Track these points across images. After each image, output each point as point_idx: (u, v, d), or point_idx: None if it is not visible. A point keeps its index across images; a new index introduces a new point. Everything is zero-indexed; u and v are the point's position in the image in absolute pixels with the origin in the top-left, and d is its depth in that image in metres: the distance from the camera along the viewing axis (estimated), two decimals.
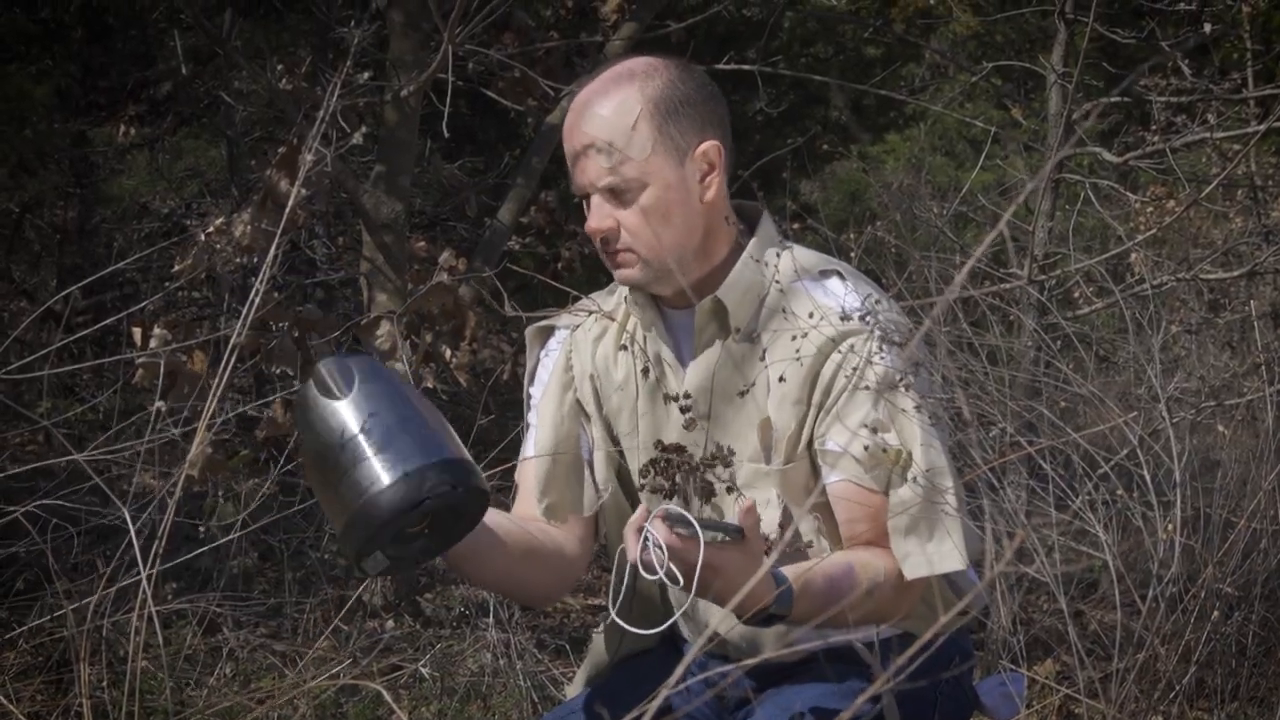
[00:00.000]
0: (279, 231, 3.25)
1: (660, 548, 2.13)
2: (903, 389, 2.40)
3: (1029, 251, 4.59)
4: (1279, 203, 6.28)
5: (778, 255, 2.51)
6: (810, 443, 2.45)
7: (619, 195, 2.40)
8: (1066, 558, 2.65)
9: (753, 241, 2.50)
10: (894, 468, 2.41)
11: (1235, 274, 4.82)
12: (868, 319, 2.42)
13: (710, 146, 2.42)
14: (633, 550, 2.17)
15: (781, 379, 2.44)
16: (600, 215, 2.42)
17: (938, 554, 2.40)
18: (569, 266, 7.56)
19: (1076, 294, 5.19)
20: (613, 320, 2.61)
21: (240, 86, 7.60)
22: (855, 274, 2.53)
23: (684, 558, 2.14)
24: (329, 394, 2.12)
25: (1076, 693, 2.76)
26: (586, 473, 2.64)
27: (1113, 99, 5.02)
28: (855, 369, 2.40)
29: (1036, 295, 4.36)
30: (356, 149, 6.07)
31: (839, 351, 2.42)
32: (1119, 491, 2.72)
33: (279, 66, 5.61)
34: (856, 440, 2.40)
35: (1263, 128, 4.44)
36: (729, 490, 2.49)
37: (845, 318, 2.42)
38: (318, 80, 5.74)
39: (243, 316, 2.98)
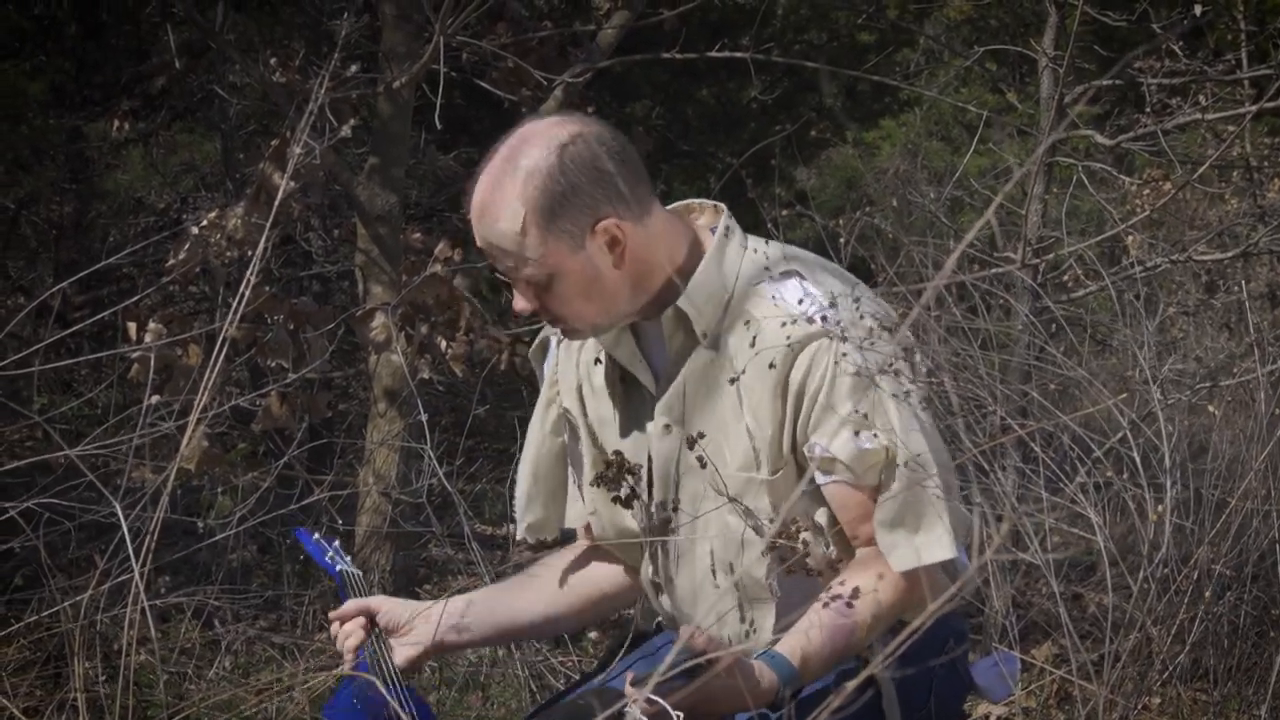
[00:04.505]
0: (269, 224, 3.25)
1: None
2: (881, 377, 2.38)
3: (1022, 235, 4.58)
4: (1274, 183, 6.28)
5: (741, 253, 2.47)
6: (794, 449, 2.44)
7: (532, 285, 2.38)
8: (1061, 542, 2.65)
9: (713, 243, 2.45)
10: (883, 463, 2.40)
11: (1229, 255, 4.83)
12: (827, 318, 2.38)
13: (606, 226, 2.35)
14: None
15: (748, 371, 2.42)
16: (523, 300, 2.42)
17: (924, 544, 2.38)
18: None
19: (1066, 277, 5.18)
20: None
21: (234, 80, 7.61)
22: (817, 267, 2.49)
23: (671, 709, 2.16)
24: None
25: (1070, 674, 2.76)
26: (572, 487, 2.66)
27: (1105, 82, 5.01)
28: (826, 370, 2.38)
29: (1029, 281, 4.36)
30: (351, 141, 6.06)
31: (806, 354, 2.39)
32: (1109, 474, 2.72)
33: (272, 60, 5.60)
34: (842, 441, 2.39)
35: (1255, 108, 4.44)
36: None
37: (808, 320, 2.38)
38: (311, 73, 5.73)
39: (233, 309, 2.98)
